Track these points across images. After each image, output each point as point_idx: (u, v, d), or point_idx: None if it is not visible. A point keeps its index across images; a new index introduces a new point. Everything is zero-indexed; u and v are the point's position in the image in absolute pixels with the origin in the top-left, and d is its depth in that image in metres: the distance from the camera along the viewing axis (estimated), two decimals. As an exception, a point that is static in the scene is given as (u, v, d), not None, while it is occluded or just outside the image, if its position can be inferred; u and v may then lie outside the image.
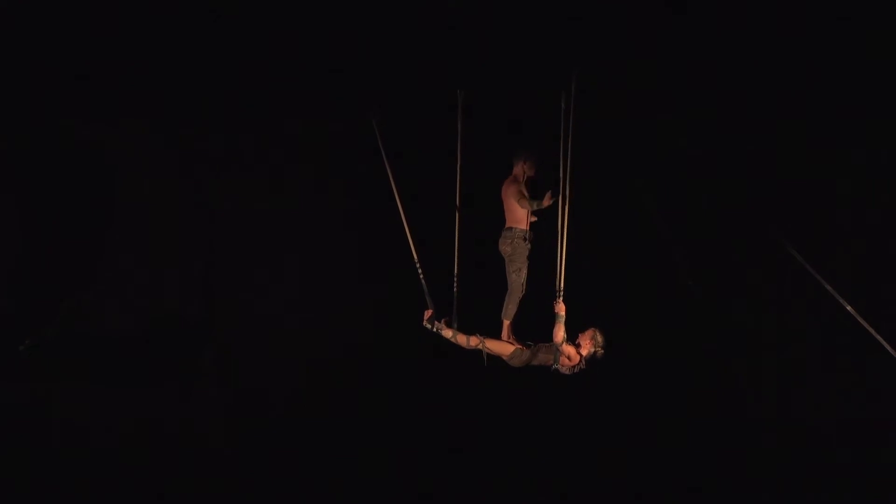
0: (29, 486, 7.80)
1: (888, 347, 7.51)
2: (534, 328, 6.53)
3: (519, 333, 6.64)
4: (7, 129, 7.95)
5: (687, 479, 8.12)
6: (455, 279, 6.62)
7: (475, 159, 6.78)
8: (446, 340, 6.57)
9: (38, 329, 7.96)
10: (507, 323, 6.65)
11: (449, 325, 6.55)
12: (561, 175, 6.38)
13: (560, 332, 6.26)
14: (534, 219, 6.66)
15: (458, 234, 6.70)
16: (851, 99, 7.49)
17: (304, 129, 8.18)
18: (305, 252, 8.31)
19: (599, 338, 6.35)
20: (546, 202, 6.35)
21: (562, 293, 6.28)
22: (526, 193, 6.61)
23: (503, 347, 6.49)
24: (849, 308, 7.57)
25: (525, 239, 6.62)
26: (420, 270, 6.66)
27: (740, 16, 7.42)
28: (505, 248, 6.66)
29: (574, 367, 6.34)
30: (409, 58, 7.60)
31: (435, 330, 6.56)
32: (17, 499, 7.80)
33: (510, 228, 6.67)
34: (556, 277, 6.29)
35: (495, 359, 6.52)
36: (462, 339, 6.50)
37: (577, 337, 6.37)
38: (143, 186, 8.20)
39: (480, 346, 6.46)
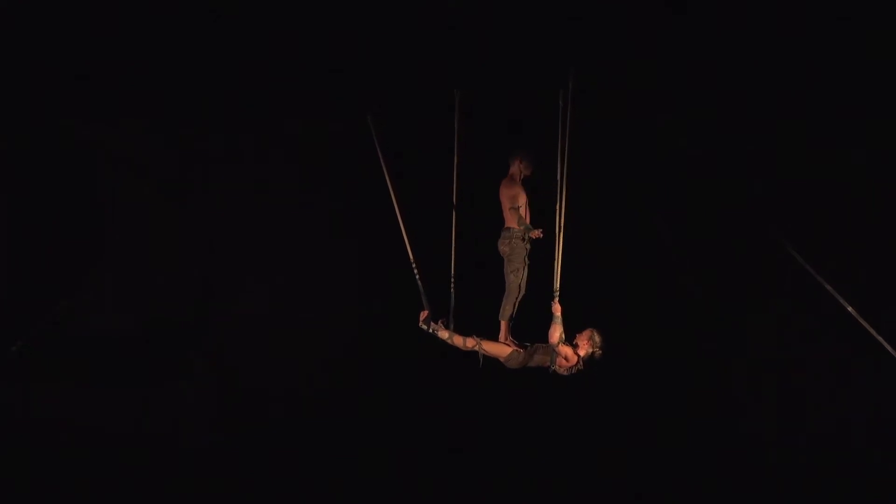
0: (28, 487, 7.83)
1: (888, 347, 7.52)
2: (533, 329, 6.52)
3: (518, 334, 6.62)
4: (7, 129, 7.96)
5: (687, 479, 8.11)
6: (452, 280, 6.60)
7: (474, 159, 6.77)
8: (443, 342, 6.53)
9: (36, 329, 7.98)
10: (504, 324, 6.62)
11: (445, 327, 6.50)
12: (559, 174, 6.37)
13: (556, 333, 6.24)
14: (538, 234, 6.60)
15: (456, 234, 6.68)
16: (851, 99, 7.48)
17: (304, 129, 8.17)
18: (305, 252, 8.31)
19: (597, 338, 6.32)
20: (534, 234, 6.44)
21: (558, 294, 6.27)
22: (521, 205, 6.60)
23: (500, 349, 6.43)
24: (849, 309, 7.57)
25: (523, 239, 6.58)
26: (416, 271, 6.64)
27: (740, 16, 7.40)
28: (503, 248, 6.62)
29: (571, 367, 6.30)
30: (408, 58, 7.60)
31: (431, 331, 6.50)
32: (17, 499, 7.82)
33: (508, 229, 6.64)
34: (553, 278, 6.29)
35: (492, 360, 6.49)
36: (458, 341, 6.42)
37: (575, 337, 6.35)
38: (143, 186, 8.21)
39: (477, 348, 6.40)
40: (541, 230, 6.45)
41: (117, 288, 8.23)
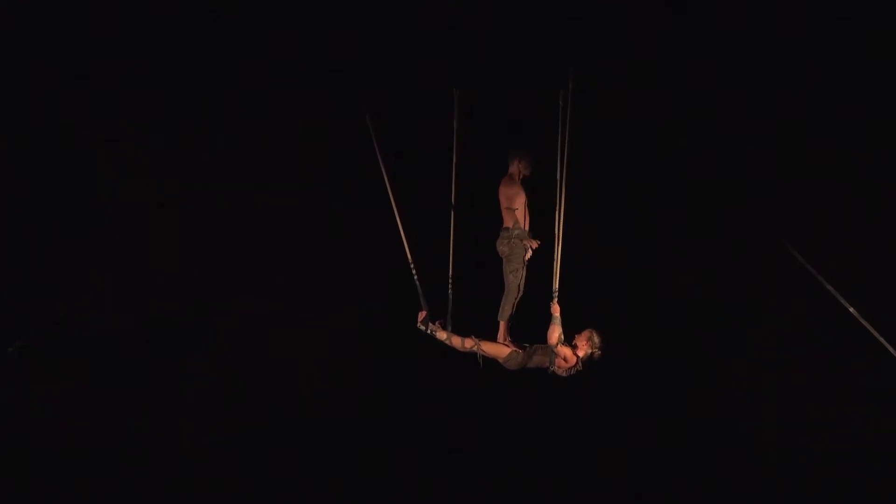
0: (28, 487, 7.83)
1: (889, 347, 7.51)
2: (532, 330, 6.50)
3: (517, 335, 6.60)
4: (7, 129, 7.97)
5: (687, 479, 8.11)
6: (450, 280, 6.57)
7: (473, 159, 6.76)
8: (441, 342, 6.49)
9: (36, 329, 7.99)
10: (503, 324, 6.58)
11: (444, 327, 6.46)
12: (558, 174, 6.37)
13: (555, 334, 6.22)
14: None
15: (454, 235, 6.65)
16: (851, 99, 7.47)
17: (304, 129, 8.17)
18: (305, 252, 8.31)
19: (596, 339, 6.28)
20: (532, 244, 6.45)
21: (557, 294, 6.26)
22: (519, 206, 6.59)
23: (499, 350, 6.39)
24: (851, 309, 7.56)
25: (522, 239, 6.60)
26: (414, 271, 6.61)
27: (740, 16, 7.40)
28: (502, 248, 6.59)
29: (571, 368, 6.27)
30: (408, 58, 7.60)
31: (429, 332, 6.46)
32: (17, 499, 7.82)
33: (507, 228, 6.62)
34: (552, 278, 6.28)
35: (492, 360, 6.46)
36: (457, 342, 6.37)
37: (574, 338, 6.32)
38: (143, 186, 8.22)
39: (475, 349, 6.35)
40: (538, 242, 6.46)
41: (117, 288, 8.23)
